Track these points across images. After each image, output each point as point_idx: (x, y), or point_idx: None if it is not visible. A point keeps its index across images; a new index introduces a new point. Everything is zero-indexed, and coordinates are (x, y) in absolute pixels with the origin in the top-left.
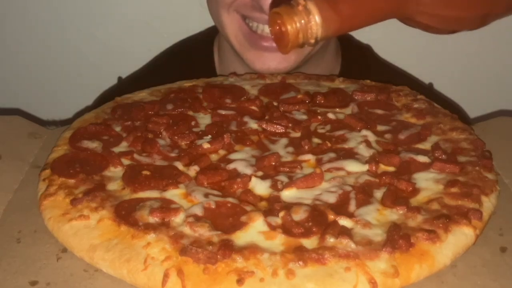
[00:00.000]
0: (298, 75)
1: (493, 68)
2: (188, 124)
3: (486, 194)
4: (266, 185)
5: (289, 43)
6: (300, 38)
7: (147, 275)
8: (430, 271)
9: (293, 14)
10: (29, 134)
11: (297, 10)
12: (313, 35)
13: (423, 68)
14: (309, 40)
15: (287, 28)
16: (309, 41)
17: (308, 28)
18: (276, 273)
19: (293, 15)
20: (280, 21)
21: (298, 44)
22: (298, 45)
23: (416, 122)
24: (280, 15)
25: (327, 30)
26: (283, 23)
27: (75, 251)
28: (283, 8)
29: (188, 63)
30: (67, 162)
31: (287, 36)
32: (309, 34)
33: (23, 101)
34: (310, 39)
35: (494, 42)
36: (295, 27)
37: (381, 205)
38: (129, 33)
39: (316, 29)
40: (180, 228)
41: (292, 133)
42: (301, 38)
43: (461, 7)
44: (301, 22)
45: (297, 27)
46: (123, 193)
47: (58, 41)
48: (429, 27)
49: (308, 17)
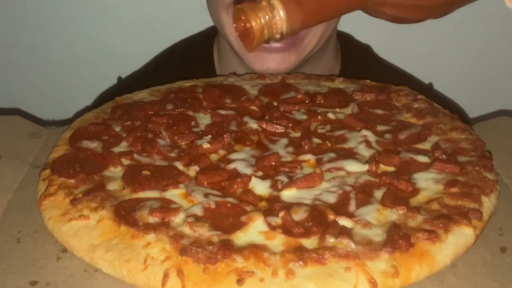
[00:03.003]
0: (298, 75)
1: (493, 68)
2: (188, 124)
3: (486, 194)
4: (266, 185)
5: (255, 40)
6: (265, 34)
7: (147, 275)
8: (430, 271)
9: (257, 10)
10: (29, 134)
11: (261, 6)
12: (278, 31)
13: (423, 68)
14: (274, 35)
15: (251, 24)
16: (275, 37)
17: (273, 23)
18: (276, 273)
19: (257, 11)
20: (244, 17)
21: (263, 40)
22: (263, 41)
23: (416, 122)
24: (244, 12)
25: (292, 25)
26: (247, 20)
27: (75, 251)
28: (247, 4)
29: (188, 63)
30: (67, 162)
31: (252, 33)
32: (274, 30)
33: (23, 101)
34: (276, 34)
35: (494, 42)
36: (260, 23)
37: (381, 205)
38: (129, 33)
39: (281, 24)
40: (180, 228)
41: (292, 133)
42: (266, 34)
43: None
44: (265, 17)
45: (261, 23)
46: (123, 193)
47: (58, 41)
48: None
49: (272, 12)
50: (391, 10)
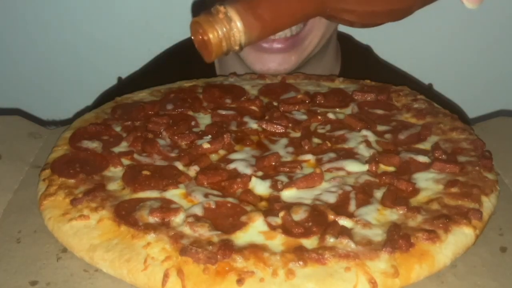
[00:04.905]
0: (298, 75)
1: (493, 68)
2: (188, 124)
3: (486, 194)
4: (266, 185)
5: (213, 52)
6: (223, 46)
7: (147, 275)
8: (430, 271)
9: (214, 23)
10: (29, 134)
11: (217, 19)
12: (237, 42)
13: (423, 68)
14: (233, 47)
15: (209, 37)
16: (234, 48)
17: (231, 35)
18: (276, 273)
19: (214, 24)
20: (201, 30)
21: (222, 52)
22: (222, 53)
23: (416, 122)
24: (200, 25)
25: (250, 36)
26: (205, 33)
27: (75, 251)
28: (203, 17)
29: (188, 63)
30: (67, 162)
31: (210, 46)
32: (233, 42)
33: (23, 101)
34: (234, 46)
35: (494, 43)
36: (217, 35)
37: (381, 205)
38: (129, 33)
39: (239, 36)
40: (180, 228)
41: (292, 133)
42: (225, 46)
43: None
44: (223, 30)
45: (219, 35)
46: (123, 193)
47: (58, 41)
48: (354, 23)
49: (229, 24)
50: (349, 16)
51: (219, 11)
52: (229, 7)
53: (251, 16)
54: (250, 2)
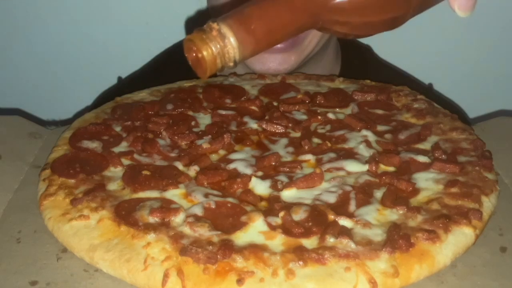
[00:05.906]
0: (298, 75)
1: (493, 68)
2: (188, 124)
3: (486, 194)
4: (266, 185)
5: (208, 69)
6: (218, 63)
7: (147, 275)
8: (430, 271)
9: (207, 40)
10: (29, 134)
11: (211, 36)
12: (231, 59)
13: (423, 68)
14: (227, 63)
15: (203, 54)
16: (228, 65)
17: (225, 52)
18: (276, 273)
19: (207, 41)
20: (195, 48)
21: (217, 69)
22: (217, 69)
23: (416, 122)
24: (194, 42)
25: (244, 52)
26: (199, 50)
27: (75, 251)
28: (196, 35)
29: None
30: (67, 162)
31: (204, 63)
32: (227, 58)
33: (23, 101)
34: (229, 62)
35: (494, 43)
36: (211, 52)
37: (381, 205)
38: (129, 33)
39: (234, 53)
40: (180, 228)
41: (292, 133)
42: (220, 63)
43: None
44: (217, 47)
45: (213, 52)
46: (123, 193)
47: (58, 41)
48: (347, 34)
49: (223, 41)
50: (342, 28)
51: (213, 28)
52: (222, 23)
53: (245, 32)
54: (242, 18)
